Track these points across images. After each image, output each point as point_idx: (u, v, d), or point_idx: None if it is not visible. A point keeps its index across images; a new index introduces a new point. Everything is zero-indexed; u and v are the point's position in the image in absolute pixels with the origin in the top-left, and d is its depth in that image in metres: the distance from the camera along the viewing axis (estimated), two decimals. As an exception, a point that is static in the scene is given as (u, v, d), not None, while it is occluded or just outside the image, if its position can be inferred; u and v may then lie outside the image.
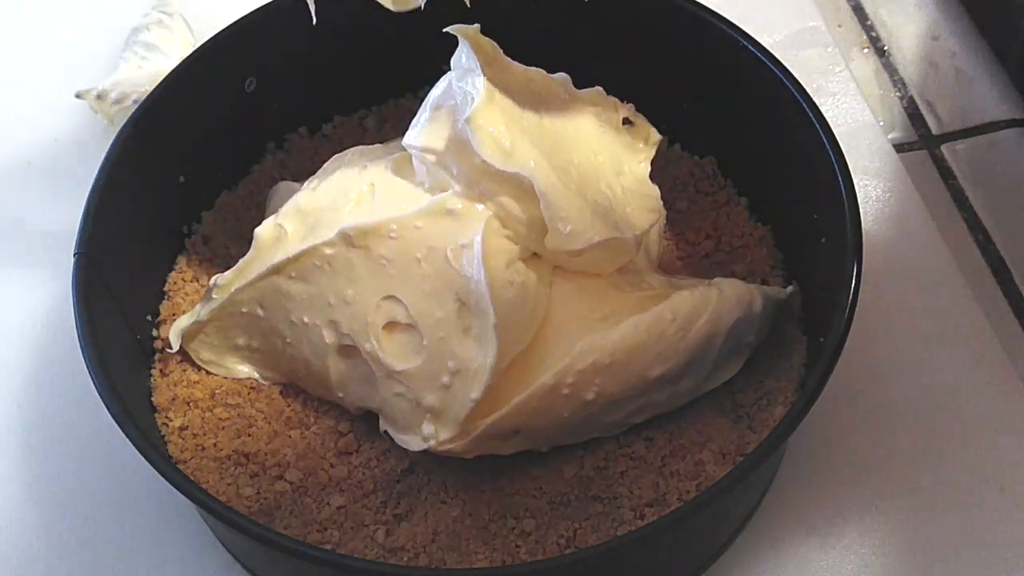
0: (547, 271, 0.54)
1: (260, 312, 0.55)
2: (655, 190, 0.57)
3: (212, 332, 0.56)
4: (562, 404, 0.52)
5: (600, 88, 0.57)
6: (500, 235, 0.52)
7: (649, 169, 0.57)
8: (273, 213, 0.58)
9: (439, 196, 0.53)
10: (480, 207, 0.52)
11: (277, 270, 0.54)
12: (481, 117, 0.51)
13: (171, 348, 0.56)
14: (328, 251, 0.53)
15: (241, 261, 0.55)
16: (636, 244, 0.54)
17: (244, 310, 0.55)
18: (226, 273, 0.56)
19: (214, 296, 0.56)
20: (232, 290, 0.55)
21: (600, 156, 0.56)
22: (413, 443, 0.53)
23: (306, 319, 0.54)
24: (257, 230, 0.55)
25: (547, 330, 0.53)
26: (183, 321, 0.56)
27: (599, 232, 0.52)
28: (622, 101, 0.58)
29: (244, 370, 0.57)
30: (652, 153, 0.58)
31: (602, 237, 0.52)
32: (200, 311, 0.56)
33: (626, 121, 0.58)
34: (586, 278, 0.54)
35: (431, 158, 0.53)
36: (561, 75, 0.56)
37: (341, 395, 0.55)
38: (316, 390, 0.56)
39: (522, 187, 0.52)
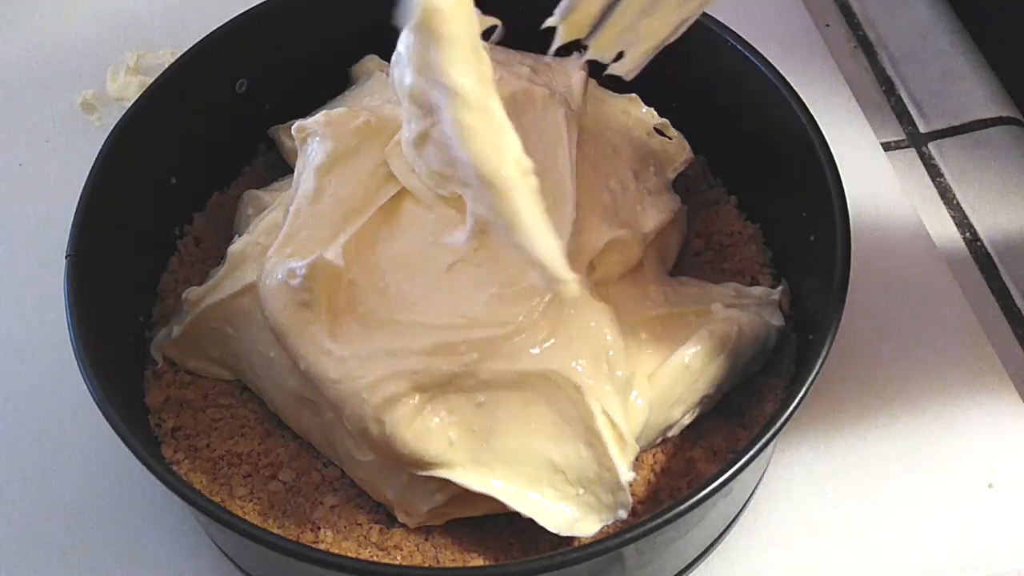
0: None
1: (230, 331, 0.55)
2: (674, 197, 0.58)
3: (187, 344, 0.56)
4: None
5: (636, 95, 0.59)
6: None
7: (673, 178, 0.59)
8: (244, 224, 0.58)
9: None
10: None
11: (246, 291, 0.53)
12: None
13: (156, 363, 0.57)
14: None
15: (215, 277, 0.55)
16: (641, 242, 0.54)
17: (214, 325, 0.55)
18: (198, 288, 0.56)
19: (185, 310, 0.56)
20: (203, 306, 0.55)
21: (620, 152, 0.57)
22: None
23: (272, 354, 0.53)
24: (231, 248, 0.55)
25: None
26: (160, 336, 0.57)
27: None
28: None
29: (230, 375, 0.57)
30: (679, 167, 0.60)
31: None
32: (173, 326, 0.56)
33: (660, 133, 0.60)
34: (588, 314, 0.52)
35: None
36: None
37: (308, 440, 0.55)
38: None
39: None
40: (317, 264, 0.49)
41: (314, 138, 0.53)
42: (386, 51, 0.63)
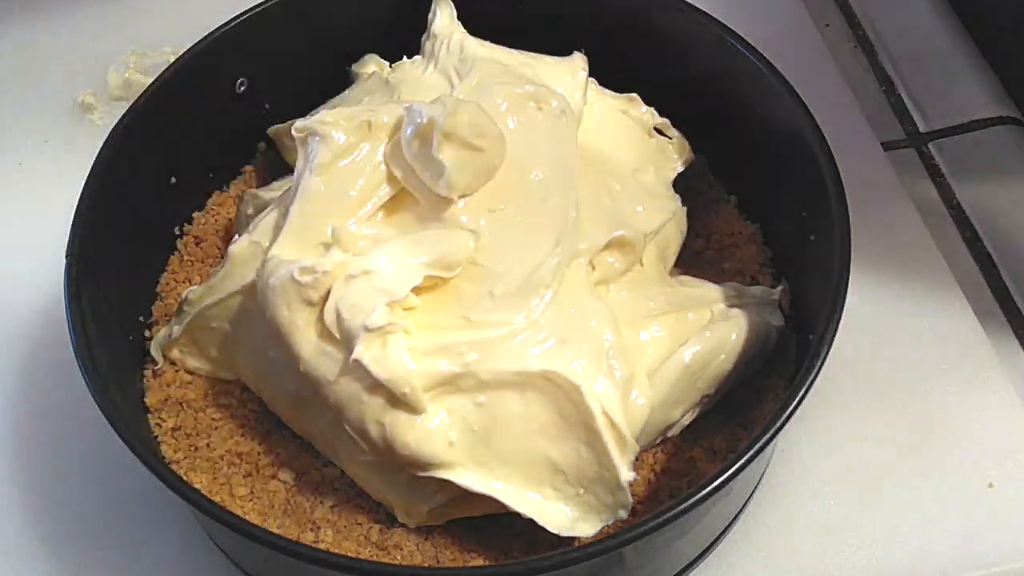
0: None
1: (230, 331, 0.55)
2: (674, 197, 0.58)
3: (187, 344, 0.56)
4: None
5: (636, 95, 0.59)
6: None
7: (673, 178, 0.59)
8: (244, 224, 0.58)
9: None
10: None
11: (246, 291, 0.53)
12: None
13: (155, 363, 0.57)
14: None
15: (214, 276, 0.55)
16: (641, 241, 0.54)
17: (214, 325, 0.55)
18: (198, 288, 0.56)
19: (185, 310, 0.56)
20: (203, 305, 0.55)
21: (621, 151, 0.57)
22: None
23: (272, 354, 0.52)
24: (231, 248, 0.55)
25: None
26: (160, 336, 0.57)
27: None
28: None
29: (230, 375, 0.57)
30: (680, 167, 0.60)
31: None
32: (173, 326, 0.56)
33: (660, 133, 0.60)
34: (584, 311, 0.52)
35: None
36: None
37: (308, 440, 0.55)
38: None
39: None
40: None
41: (314, 138, 0.53)
42: (386, 51, 0.64)
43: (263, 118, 0.64)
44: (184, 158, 0.61)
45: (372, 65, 0.63)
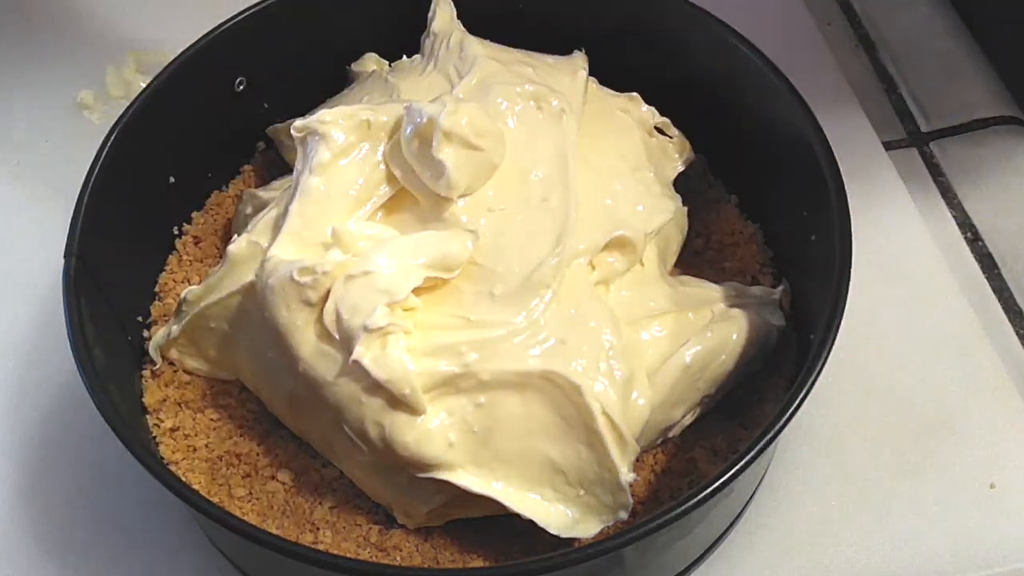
0: None
1: (228, 331, 0.55)
2: (675, 197, 0.58)
3: (186, 344, 0.56)
4: None
5: (636, 94, 0.59)
6: None
7: (673, 177, 0.59)
8: (243, 223, 0.58)
9: None
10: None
11: (245, 291, 0.53)
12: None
13: (154, 363, 0.57)
14: None
15: (213, 276, 0.55)
16: (642, 242, 0.54)
17: (212, 325, 0.55)
18: (197, 288, 0.55)
19: (183, 310, 0.56)
20: (201, 306, 0.55)
21: (621, 151, 0.57)
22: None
23: (270, 354, 0.52)
24: (230, 247, 0.54)
25: None
26: (159, 336, 0.57)
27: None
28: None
29: (229, 375, 0.57)
30: (680, 166, 0.60)
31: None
32: (172, 326, 0.56)
33: (661, 132, 0.60)
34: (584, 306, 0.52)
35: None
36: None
37: (306, 440, 0.55)
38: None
39: None
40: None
41: (313, 137, 0.53)
42: (385, 50, 0.64)
43: (262, 117, 0.64)
44: (183, 158, 0.60)
45: (371, 64, 0.63)
